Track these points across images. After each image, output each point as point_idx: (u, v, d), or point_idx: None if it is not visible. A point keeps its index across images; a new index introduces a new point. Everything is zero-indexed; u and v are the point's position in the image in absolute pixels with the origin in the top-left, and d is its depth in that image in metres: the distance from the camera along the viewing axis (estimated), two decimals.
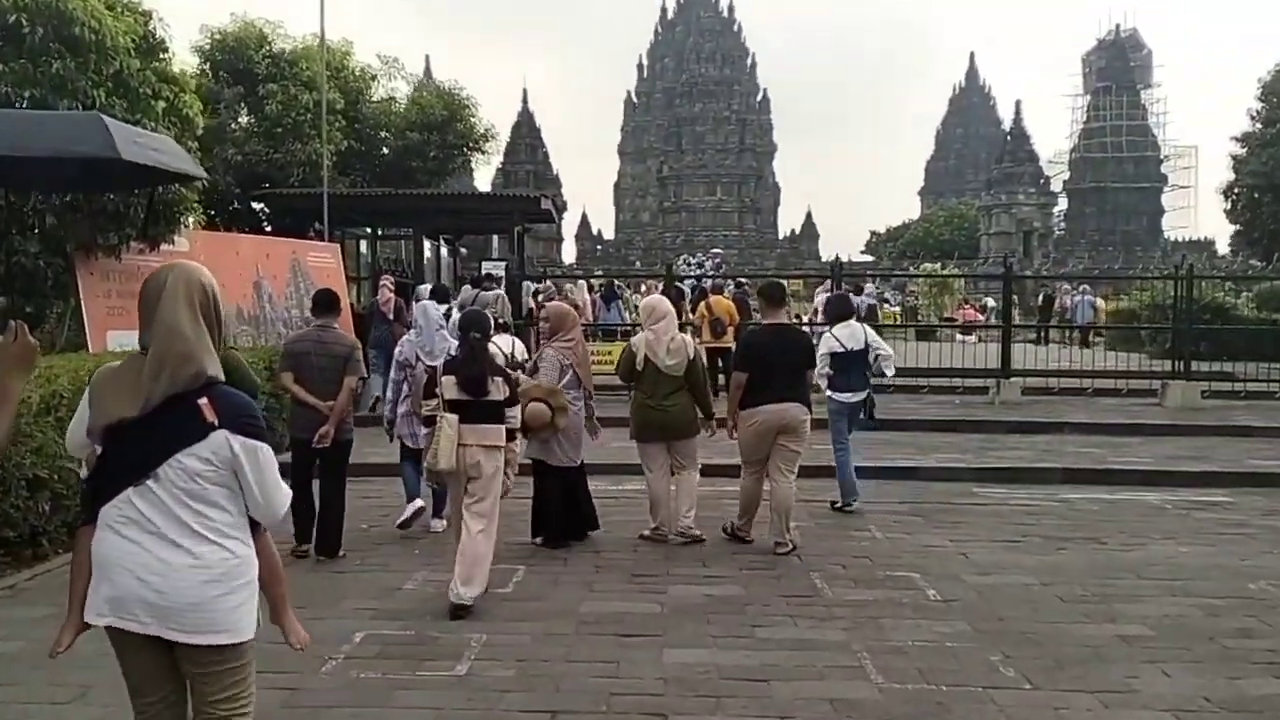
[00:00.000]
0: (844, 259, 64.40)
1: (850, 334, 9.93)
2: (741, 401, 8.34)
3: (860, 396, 9.98)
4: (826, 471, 11.40)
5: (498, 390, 6.83)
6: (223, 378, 3.07)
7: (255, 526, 3.16)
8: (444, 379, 6.81)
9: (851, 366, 9.86)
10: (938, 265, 45.05)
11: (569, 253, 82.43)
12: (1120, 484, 11.68)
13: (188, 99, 13.26)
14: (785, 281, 10.30)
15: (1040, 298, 33.75)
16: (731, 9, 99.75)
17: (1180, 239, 78.01)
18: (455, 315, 10.11)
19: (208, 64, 20.54)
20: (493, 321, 8.19)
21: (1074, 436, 14.59)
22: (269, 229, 20.58)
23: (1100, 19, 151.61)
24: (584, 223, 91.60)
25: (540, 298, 16.30)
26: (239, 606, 3.04)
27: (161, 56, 13.19)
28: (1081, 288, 30.41)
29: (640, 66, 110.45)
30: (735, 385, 8.46)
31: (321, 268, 16.83)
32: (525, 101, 79.27)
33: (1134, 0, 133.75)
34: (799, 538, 8.65)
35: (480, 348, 6.96)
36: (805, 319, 20.00)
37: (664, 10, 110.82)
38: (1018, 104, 74.18)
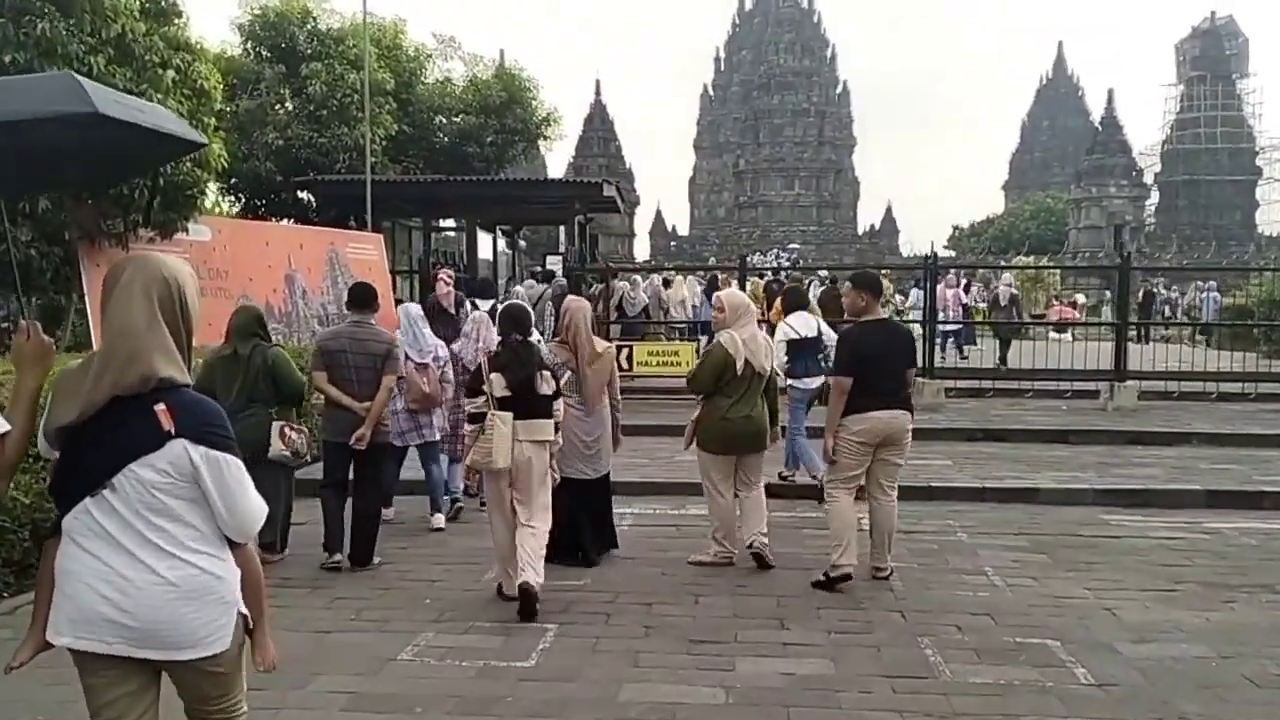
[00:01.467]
0: (926, 253, 62.26)
1: (804, 323, 10.25)
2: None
3: (818, 383, 10.01)
4: (921, 493, 9.90)
5: (546, 384, 6.72)
6: (185, 381, 2.78)
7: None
8: (492, 377, 6.59)
9: (806, 354, 9.95)
10: (1030, 259, 42.77)
11: (643, 249, 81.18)
12: (1273, 509, 9.87)
13: (203, 69, 11.94)
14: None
15: (1140, 293, 31.62)
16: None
17: (1275, 234, 74.73)
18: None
19: (248, 42, 19.25)
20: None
21: (1205, 450, 12.68)
22: (316, 219, 19.28)
23: (1195, 4, 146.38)
24: (658, 218, 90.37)
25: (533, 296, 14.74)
26: (212, 622, 2.79)
27: (175, 22, 11.87)
28: (1209, 283, 28.37)
29: (717, 59, 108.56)
30: (838, 391, 7.17)
31: (362, 260, 15.47)
32: (598, 93, 77.88)
33: None
34: (900, 585, 7.03)
35: (525, 346, 6.83)
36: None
37: (741, 2, 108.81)
38: (1109, 93, 71.51)
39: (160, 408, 2.70)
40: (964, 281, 24.28)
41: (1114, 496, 10.17)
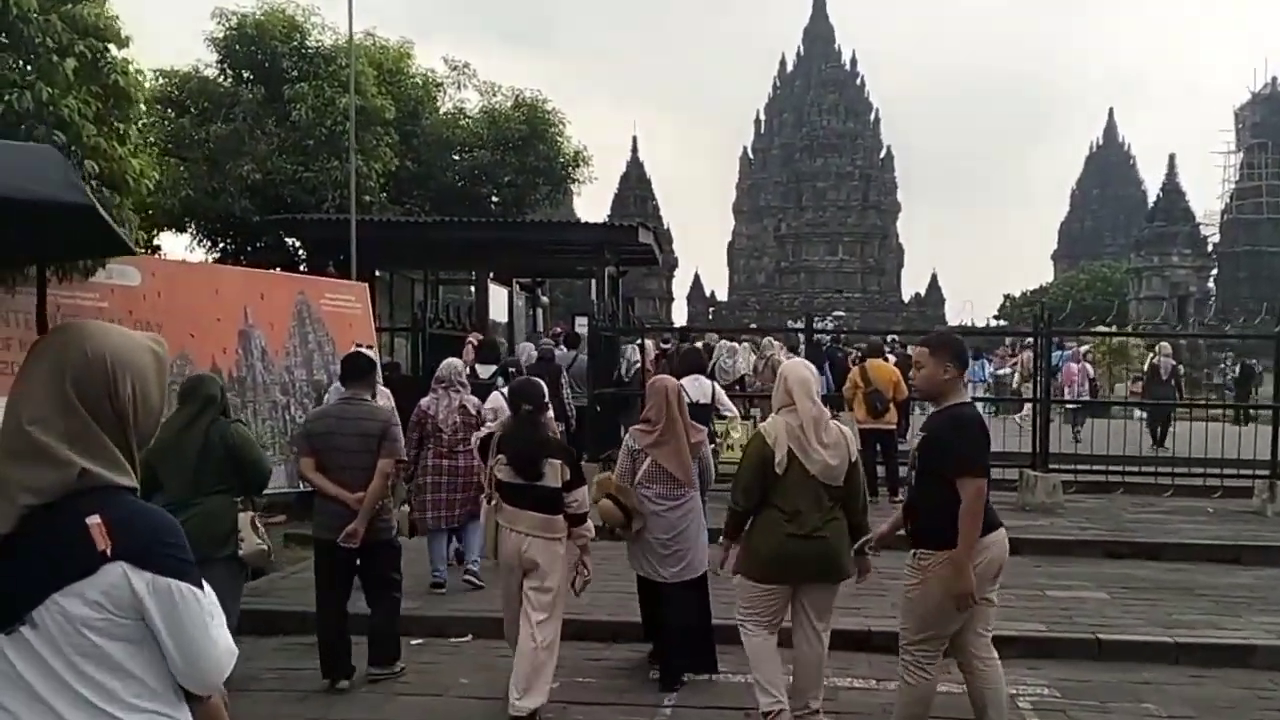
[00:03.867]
0: (971, 323, 59.15)
1: (699, 388, 9.70)
2: (948, 532, 5.00)
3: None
4: (1086, 649, 7.06)
5: (554, 474, 5.96)
6: (126, 483, 2.11)
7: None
8: (497, 456, 6.04)
9: (696, 419, 7.86)
10: (1105, 328, 39.58)
11: (680, 314, 78.71)
12: None
13: (117, 59, 9.31)
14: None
15: (1238, 369, 28.66)
16: (854, 61, 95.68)
17: None
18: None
19: (224, 61, 16.59)
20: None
21: None
22: (304, 268, 16.55)
23: (1256, 69, 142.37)
24: (696, 283, 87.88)
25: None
26: None
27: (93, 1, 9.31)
28: None
29: (757, 122, 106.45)
30: (977, 499, 4.93)
31: (341, 313, 12.60)
32: (635, 150, 75.27)
33: None
34: None
35: (531, 423, 6.15)
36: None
37: (783, 64, 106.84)
38: (1171, 158, 68.02)
39: (94, 521, 2.02)
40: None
41: None
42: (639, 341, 15.92)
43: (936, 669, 5.07)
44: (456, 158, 19.73)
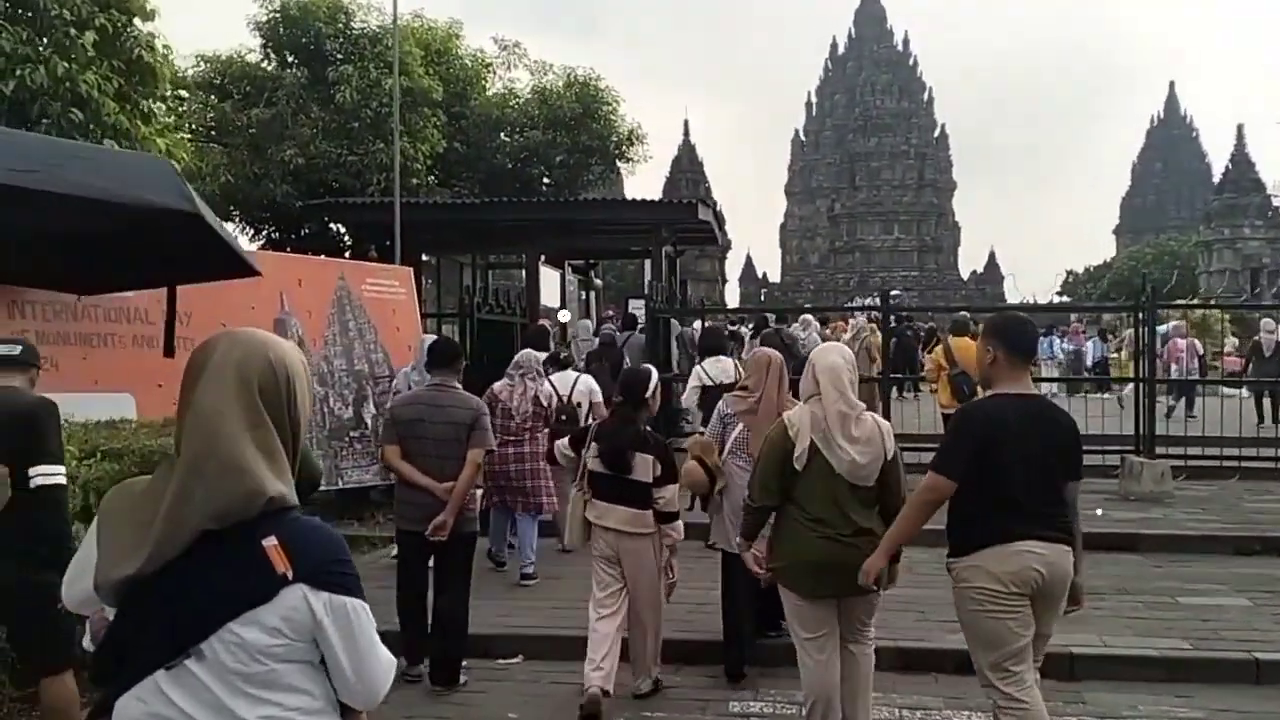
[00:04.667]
0: (1032, 299, 57.71)
1: (721, 369, 9.28)
2: (961, 535, 4.43)
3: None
4: (1240, 672, 6.06)
5: (645, 469, 5.83)
6: (295, 501, 2.05)
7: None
8: (592, 444, 6.00)
9: (714, 401, 7.77)
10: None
11: (733, 296, 77.90)
12: None
13: (142, 33, 8.65)
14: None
15: None
16: (907, 41, 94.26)
17: None
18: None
19: (268, 44, 16.00)
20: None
21: None
22: (349, 254, 15.93)
23: None
24: (748, 265, 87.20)
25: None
26: None
27: None
28: None
29: (809, 104, 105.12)
30: (923, 492, 4.45)
31: (384, 299, 11.91)
32: (686, 133, 74.44)
33: None
34: None
35: (626, 416, 6.07)
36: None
37: (834, 46, 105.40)
38: (1239, 129, 66.17)
39: (271, 543, 1.96)
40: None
41: None
42: (695, 323, 15.17)
43: (1029, 692, 4.28)
44: (507, 138, 19.07)
